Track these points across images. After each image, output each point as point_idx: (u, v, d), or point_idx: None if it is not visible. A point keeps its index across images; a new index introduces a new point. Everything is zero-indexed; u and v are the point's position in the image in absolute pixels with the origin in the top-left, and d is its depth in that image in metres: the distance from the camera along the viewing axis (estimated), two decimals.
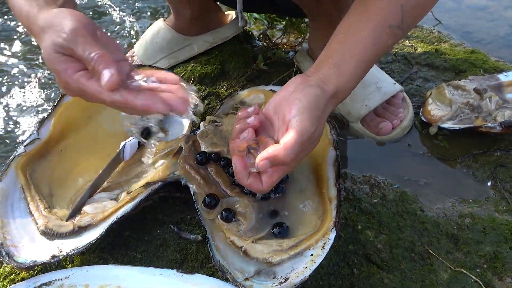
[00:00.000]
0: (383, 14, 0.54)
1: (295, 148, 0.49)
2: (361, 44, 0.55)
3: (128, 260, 0.64)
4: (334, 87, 0.54)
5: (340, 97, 0.57)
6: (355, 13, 0.57)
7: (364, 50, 0.55)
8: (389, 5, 0.54)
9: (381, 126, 0.85)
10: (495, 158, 0.83)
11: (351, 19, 0.57)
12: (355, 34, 0.55)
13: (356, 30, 0.55)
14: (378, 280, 0.63)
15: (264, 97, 0.84)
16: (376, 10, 0.54)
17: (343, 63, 0.55)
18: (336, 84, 0.54)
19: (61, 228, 0.61)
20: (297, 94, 0.53)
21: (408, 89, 0.99)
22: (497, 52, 1.19)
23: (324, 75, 0.55)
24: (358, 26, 0.55)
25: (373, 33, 0.54)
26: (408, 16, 0.54)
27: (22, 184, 0.66)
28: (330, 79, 0.54)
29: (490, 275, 0.64)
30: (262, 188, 0.54)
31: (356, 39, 0.55)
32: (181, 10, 0.99)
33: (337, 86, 0.54)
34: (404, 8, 0.53)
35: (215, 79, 1.00)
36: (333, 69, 0.55)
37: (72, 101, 0.76)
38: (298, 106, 0.52)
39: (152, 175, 0.69)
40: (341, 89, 0.55)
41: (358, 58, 0.55)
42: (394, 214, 0.73)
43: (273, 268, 0.57)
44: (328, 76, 0.55)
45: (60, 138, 0.74)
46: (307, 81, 0.55)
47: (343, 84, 0.55)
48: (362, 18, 0.55)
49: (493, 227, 0.71)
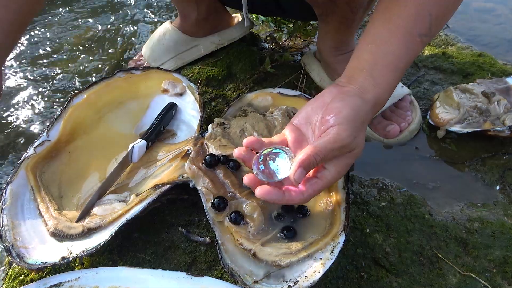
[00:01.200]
0: (411, 23, 0.53)
1: (324, 150, 0.50)
2: (394, 55, 0.54)
3: (137, 262, 0.65)
4: (373, 97, 0.54)
5: (378, 106, 0.56)
6: (381, 22, 0.56)
7: (398, 60, 0.54)
8: (417, 14, 0.53)
9: (389, 129, 0.85)
10: (504, 162, 0.83)
11: (378, 28, 0.56)
12: (386, 44, 0.54)
13: (386, 40, 0.55)
14: (387, 284, 0.63)
15: (272, 99, 0.84)
16: (405, 19, 0.53)
17: (378, 73, 0.54)
18: (374, 95, 0.54)
19: (71, 229, 0.61)
20: (337, 104, 0.53)
21: (416, 92, 0.99)
22: (505, 55, 1.18)
23: (362, 85, 0.54)
24: (387, 35, 0.55)
25: (405, 43, 0.54)
26: (435, 24, 0.54)
27: (32, 185, 0.66)
28: (368, 90, 0.54)
29: (499, 279, 0.64)
30: (303, 198, 0.52)
31: (387, 49, 0.54)
32: (188, 12, 0.99)
33: (375, 96, 0.54)
34: (432, 16, 0.53)
35: (222, 81, 1.00)
36: (368, 79, 0.54)
37: (81, 103, 0.77)
38: (337, 116, 0.51)
39: (161, 177, 0.69)
40: (380, 98, 0.55)
41: (392, 68, 0.55)
42: (402, 218, 0.73)
43: (282, 271, 0.57)
44: (366, 87, 0.54)
45: (69, 140, 0.74)
46: (345, 91, 0.54)
47: (381, 93, 0.54)
48: (390, 27, 0.54)
49: (503, 231, 0.70)
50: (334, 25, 0.86)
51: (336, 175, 0.53)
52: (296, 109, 0.79)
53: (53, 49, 1.20)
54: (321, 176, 0.53)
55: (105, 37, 1.25)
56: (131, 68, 0.84)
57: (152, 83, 0.84)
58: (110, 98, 0.81)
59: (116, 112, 0.81)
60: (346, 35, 0.89)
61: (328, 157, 0.51)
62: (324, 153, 0.50)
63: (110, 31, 1.27)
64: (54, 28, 1.28)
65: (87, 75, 1.10)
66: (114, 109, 0.81)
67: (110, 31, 1.27)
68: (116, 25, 1.30)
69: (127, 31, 1.28)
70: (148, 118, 0.81)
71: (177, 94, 0.84)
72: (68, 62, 1.15)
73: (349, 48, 0.92)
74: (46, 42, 1.23)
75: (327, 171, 0.53)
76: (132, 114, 0.82)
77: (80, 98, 0.77)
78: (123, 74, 0.82)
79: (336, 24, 0.85)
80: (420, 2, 0.53)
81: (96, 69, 1.12)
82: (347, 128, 0.51)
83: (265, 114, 0.80)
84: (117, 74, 0.82)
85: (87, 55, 1.18)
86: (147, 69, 0.84)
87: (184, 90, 0.84)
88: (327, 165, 0.53)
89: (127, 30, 1.28)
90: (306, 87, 0.99)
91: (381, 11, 0.56)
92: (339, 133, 0.50)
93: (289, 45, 1.15)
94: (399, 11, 0.54)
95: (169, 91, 0.84)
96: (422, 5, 0.53)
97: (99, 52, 1.19)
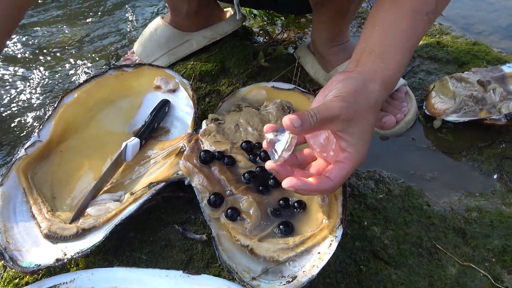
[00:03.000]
0: (417, 2, 0.54)
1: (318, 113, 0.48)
2: (402, 35, 0.54)
3: (133, 261, 0.64)
4: (383, 79, 0.53)
5: (390, 87, 0.56)
6: (386, 4, 0.56)
7: (407, 40, 0.54)
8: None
9: (385, 120, 0.84)
10: (501, 151, 0.82)
11: (384, 11, 0.56)
12: (393, 25, 0.55)
13: (393, 21, 0.55)
14: (386, 276, 0.63)
15: (266, 93, 0.83)
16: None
17: (387, 55, 0.54)
18: (384, 76, 0.54)
19: (65, 231, 0.60)
20: (338, 84, 0.52)
21: (411, 82, 0.99)
22: (499, 43, 1.18)
23: (370, 68, 0.54)
24: (394, 17, 0.55)
25: (412, 23, 0.54)
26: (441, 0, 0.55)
27: (24, 187, 0.65)
28: (377, 72, 0.54)
29: (499, 268, 0.64)
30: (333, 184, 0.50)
31: (395, 30, 0.54)
32: (178, 5, 0.98)
33: (386, 77, 0.54)
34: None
35: (215, 77, 0.99)
36: (377, 61, 0.54)
37: (72, 102, 0.76)
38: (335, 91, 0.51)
39: (155, 175, 0.68)
40: (391, 78, 0.55)
41: (401, 48, 0.55)
42: (400, 210, 0.72)
43: (280, 267, 0.56)
44: (375, 69, 0.54)
45: (61, 140, 0.73)
46: (349, 75, 0.54)
47: (391, 74, 0.54)
48: (397, 9, 0.55)
49: (501, 220, 0.70)
50: (329, 16, 0.85)
51: (356, 155, 0.51)
52: (290, 103, 0.78)
53: (43, 47, 1.18)
54: (344, 159, 0.51)
55: (96, 35, 1.23)
56: (123, 65, 0.83)
57: (144, 80, 0.83)
58: (101, 97, 0.79)
59: (108, 110, 0.80)
60: (341, 25, 0.88)
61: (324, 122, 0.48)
62: (319, 116, 0.47)
63: (102, 28, 1.25)
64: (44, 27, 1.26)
65: (78, 73, 1.09)
66: (106, 107, 0.80)
67: (102, 28, 1.25)
68: (108, 23, 1.29)
69: (119, 29, 1.26)
70: (141, 115, 0.80)
71: (170, 90, 0.82)
72: (58, 61, 1.13)
73: (344, 39, 0.91)
74: (35, 40, 1.21)
75: (347, 153, 0.51)
76: (125, 112, 0.81)
77: (70, 97, 0.76)
78: (114, 72, 0.81)
79: (331, 15, 0.84)
80: None
81: (87, 67, 1.11)
82: (343, 99, 0.49)
83: (260, 108, 0.79)
84: (108, 72, 0.80)
85: (78, 53, 1.16)
86: (139, 66, 0.83)
87: (177, 87, 0.83)
88: (346, 147, 0.51)
89: (118, 28, 1.26)
90: (301, 80, 0.98)
91: None
92: (333, 102, 0.49)
93: (283, 38, 1.13)
94: None
95: (162, 88, 0.82)
96: None
97: (90, 50, 1.17)
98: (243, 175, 0.67)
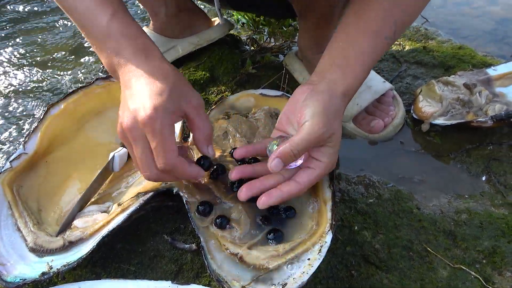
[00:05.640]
0: (379, 27, 0.59)
1: (301, 144, 0.53)
2: (362, 52, 0.59)
3: (121, 273, 0.63)
4: (343, 88, 0.58)
5: (348, 97, 0.60)
6: (351, 24, 0.61)
7: (365, 56, 0.59)
8: (384, 19, 0.59)
9: (373, 124, 0.85)
10: (488, 152, 0.83)
11: (348, 29, 0.61)
12: (355, 42, 0.59)
13: (355, 39, 0.60)
14: (377, 281, 0.62)
15: (254, 100, 0.83)
16: (373, 23, 0.59)
17: (347, 67, 0.59)
18: (343, 85, 0.58)
19: (51, 244, 0.59)
20: (307, 101, 0.57)
21: (398, 87, 0.99)
22: (484, 47, 1.20)
23: (331, 79, 0.58)
24: (356, 35, 0.60)
25: (373, 43, 0.59)
26: (399, 29, 0.61)
27: (9, 200, 0.64)
28: (337, 81, 0.58)
29: (489, 270, 0.64)
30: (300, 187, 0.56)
31: (358, 47, 0.59)
32: (157, 7, 0.99)
33: (345, 87, 0.58)
34: (397, 23, 0.59)
35: (204, 85, 0.99)
36: (338, 72, 0.59)
37: (59, 113, 0.75)
38: (308, 113, 0.55)
39: (143, 185, 0.67)
40: (349, 89, 0.59)
41: (360, 62, 0.59)
42: (390, 213, 0.72)
43: (270, 274, 0.55)
44: (335, 79, 0.58)
45: (47, 152, 0.72)
46: (315, 89, 0.58)
47: (350, 84, 0.59)
48: (359, 29, 0.60)
49: (490, 222, 0.70)
50: (314, 21, 0.86)
51: (328, 163, 0.56)
52: (278, 110, 0.78)
53: (28, 57, 1.18)
54: (314, 166, 0.56)
55: (83, 46, 1.23)
56: (110, 76, 0.82)
57: None
58: (89, 107, 0.79)
59: (96, 121, 0.79)
60: (326, 31, 0.89)
61: (306, 149, 0.55)
62: (301, 146, 0.54)
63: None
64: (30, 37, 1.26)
65: (65, 84, 1.08)
66: (94, 118, 0.79)
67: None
68: None
69: None
70: None
71: None
72: (45, 72, 1.13)
73: None
74: (22, 52, 1.20)
75: (318, 161, 0.56)
76: (112, 122, 0.80)
77: (57, 108, 0.75)
78: (102, 82, 0.80)
79: (315, 20, 0.85)
80: (386, 8, 0.58)
81: (74, 78, 1.10)
82: (319, 121, 0.54)
83: (248, 115, 0.79)
84: (95, 82, 0.80)
85: (64, 64, 1.16)
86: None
87: None
88: (316, 156, 0.56)
89: None
90: (290, 87, 0.98)
91: (352, 15, 0.61)
92: (313, 127, 0.54)
93: (271, 46, 1.14)
94: (368, 15, 0.59)
95: None
96: (388, 11, 0.58)
97: (77, 61, 1.17)
98: (233, 183, 0.66)
